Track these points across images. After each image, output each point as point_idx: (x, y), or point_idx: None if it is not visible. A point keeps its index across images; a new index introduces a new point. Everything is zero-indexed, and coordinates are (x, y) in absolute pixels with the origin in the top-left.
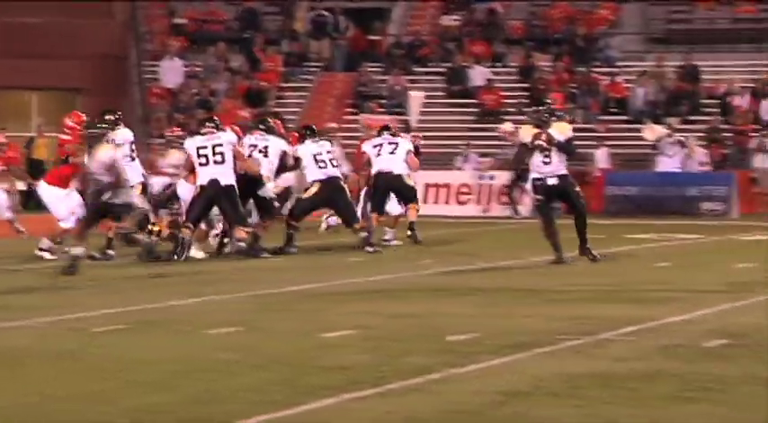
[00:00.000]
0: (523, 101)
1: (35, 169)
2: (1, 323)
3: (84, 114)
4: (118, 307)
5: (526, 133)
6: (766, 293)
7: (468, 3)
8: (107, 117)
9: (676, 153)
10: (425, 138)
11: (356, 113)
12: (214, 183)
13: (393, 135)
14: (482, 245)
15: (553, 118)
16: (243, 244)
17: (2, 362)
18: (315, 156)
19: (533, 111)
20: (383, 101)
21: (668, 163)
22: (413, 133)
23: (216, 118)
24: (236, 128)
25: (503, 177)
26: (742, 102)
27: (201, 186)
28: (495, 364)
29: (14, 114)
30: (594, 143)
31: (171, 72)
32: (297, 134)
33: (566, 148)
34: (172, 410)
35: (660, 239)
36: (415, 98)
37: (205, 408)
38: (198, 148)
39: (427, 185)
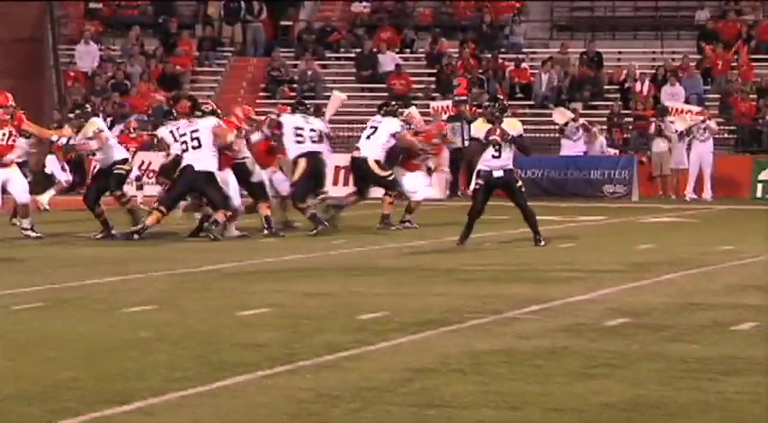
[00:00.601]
0: (431, 86)
1: None
2: None
3: (10, 96)
4: (37, 285)
5: (480, 128)
6: (665, 273)
7: None
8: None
9: (580, 137)
10: (336, 121)
11: (270, 97)
12: (189, 168)
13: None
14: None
15: (506, 114)
16: (214, 226)
17: None
18: (296, 128)
19: (485, 106)
20: (295, 85)
21: (572, 147)
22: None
23: (202, 104)
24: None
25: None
26: (642, 88)
27: (181, 170)
28: (404, 342)
29: None
30: None
31: (86, 56)
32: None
33: (520, 143)
34: (88, 387)
35: (564, 221)
36: (337, 99)
37: (120, 384)
38: (178, 134)
39: (337, 168)
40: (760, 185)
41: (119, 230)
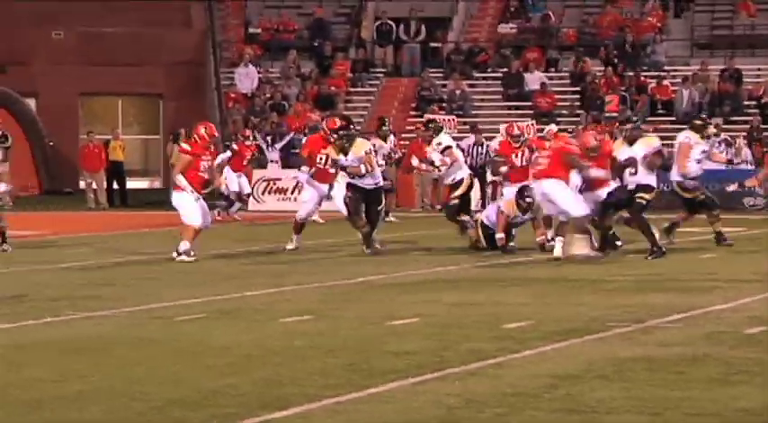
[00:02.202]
0: (576, 103)
1: (114, 170)
2: (90, 313)
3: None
4: (199, 297)
5: (619, 149)
6: None
7: (523, 11)
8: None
9: (723, 151)
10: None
11: (420, 115)
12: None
13: None
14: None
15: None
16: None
17: (91, 348)
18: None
19: (626, 129)
20: (444, 104)
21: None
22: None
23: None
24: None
25: None
26: None
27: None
28: (548, 350)
29: (102, 119)
30: None
31: (246, 78)
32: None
33: (651, 161)
34: (245, 392)
35: (704, 232)
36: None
37: (276, 390)
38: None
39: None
40: None
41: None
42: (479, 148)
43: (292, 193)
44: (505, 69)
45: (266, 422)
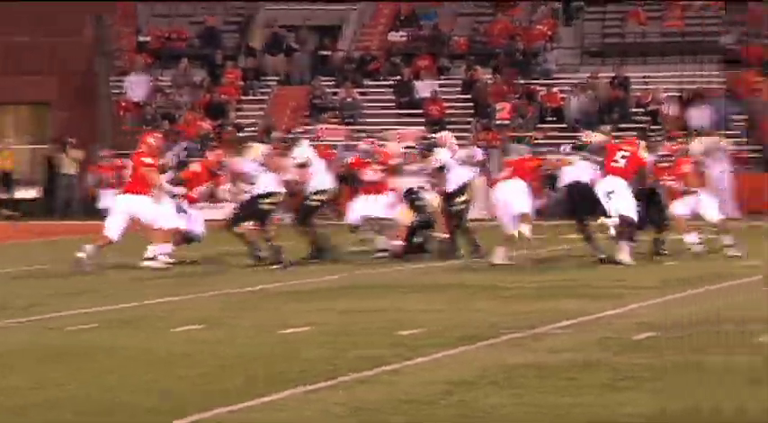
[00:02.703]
0: (467, 111)
1: (2, 179)
2: None
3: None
4: (95, 307)
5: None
6: (699, 287)
7: (414, 19)
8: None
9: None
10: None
11: (311, 123)
12: None
13: None
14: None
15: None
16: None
17: None
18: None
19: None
20: (336, 112)
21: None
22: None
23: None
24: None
25: None
26: (669, 110)
27: None
28: (441, 357)
29: None
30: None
31: (137, 86)
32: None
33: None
34: (138, 402)
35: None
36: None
37: (170, 399)
38: None
39: None
40: None
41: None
42: None
43: None
44: (397, 77)
45: None
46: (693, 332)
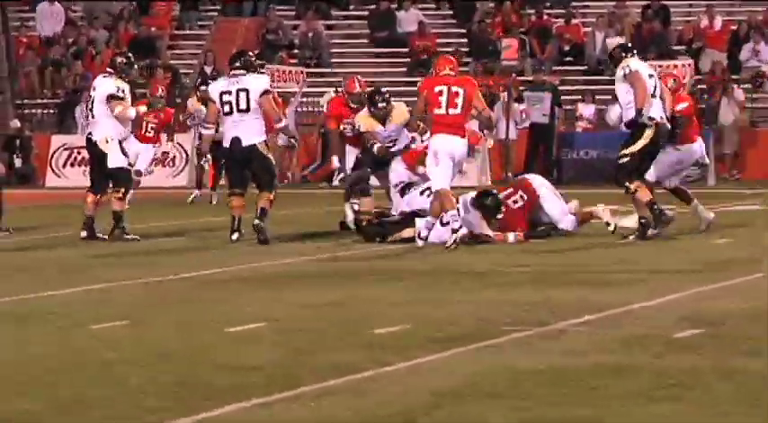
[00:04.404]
0: (463, 49)
1: None
2: None
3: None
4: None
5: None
6: (745, 274)
7: None
8: None
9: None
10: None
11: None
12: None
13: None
14: None
15: None
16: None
17: None
18: None
19: None
20: (296, 51)
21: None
22: None
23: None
24: None
25: None
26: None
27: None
28: (426, 361)
29: None
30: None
31: (50, 18)
32: None
33: None
34: (41, 419)
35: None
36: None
37: (82, 415)
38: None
39: None
40: None
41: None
42: None
43: None
44: (372, 6)
45: None
46: (747, 330)
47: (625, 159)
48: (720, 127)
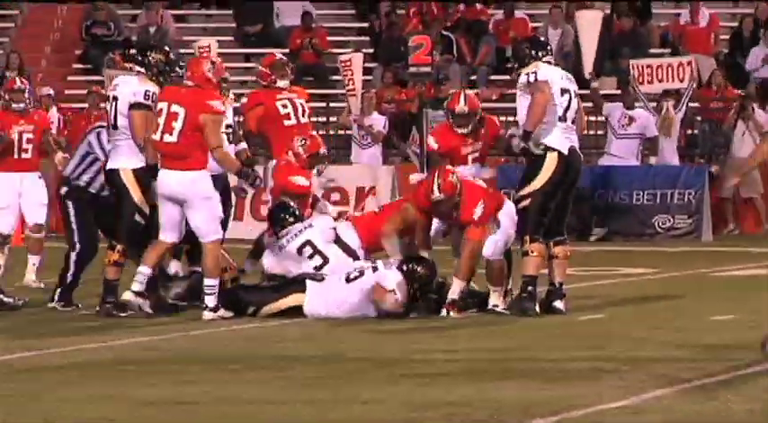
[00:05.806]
0: (367, 50)
1: None
2: None
3: None
4: None
5: None
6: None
7: None
8: None
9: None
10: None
11: (91, 70)
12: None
13: None
14: None
15: None
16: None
17: None
18: None
19: None
20: (132, 51)
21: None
22: None
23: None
24: None
25: None
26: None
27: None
28: None
29: None
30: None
31: None
32: None
33: None
34: None
35: (589, 276)
36: None
37: None
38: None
39: None
40: None
41: None
42: None
43: None
44: None
45: None
46: None
47: (525, 203)
48: (732, 162)
